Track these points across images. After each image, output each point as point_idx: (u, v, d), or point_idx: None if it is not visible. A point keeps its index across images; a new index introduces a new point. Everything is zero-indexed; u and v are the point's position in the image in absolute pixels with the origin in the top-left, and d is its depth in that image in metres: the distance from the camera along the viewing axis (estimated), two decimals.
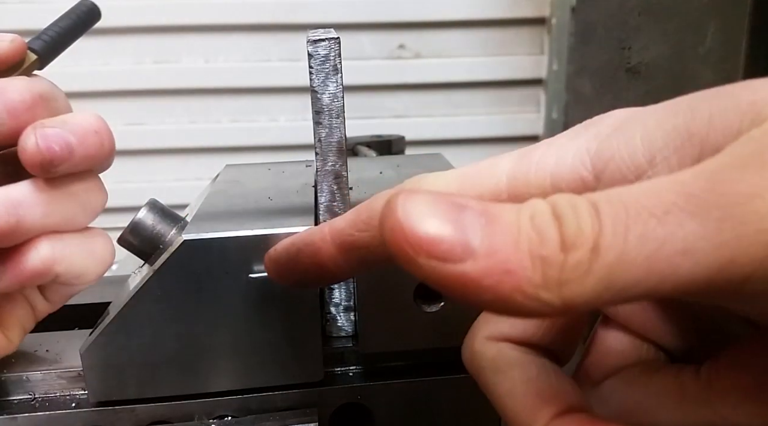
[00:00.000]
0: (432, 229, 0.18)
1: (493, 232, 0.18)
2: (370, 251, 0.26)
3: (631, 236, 0.18)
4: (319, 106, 0.33)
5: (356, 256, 0.26)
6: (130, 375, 0.33)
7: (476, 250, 0.18)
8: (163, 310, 0.33)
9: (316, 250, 0.27)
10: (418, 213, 0.19)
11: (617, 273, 0.18)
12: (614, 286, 0.18)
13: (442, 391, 0.36)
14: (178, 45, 0.92)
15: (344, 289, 0.35)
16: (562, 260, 0.18)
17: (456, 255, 0.18)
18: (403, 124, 0.96)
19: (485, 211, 0.19)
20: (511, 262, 0.18)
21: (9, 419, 0.33)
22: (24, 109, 0.30)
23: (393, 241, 0.19)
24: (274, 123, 0.96)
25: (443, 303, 0.34)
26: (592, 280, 0.18)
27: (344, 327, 0.36)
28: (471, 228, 0.18)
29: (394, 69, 0.95)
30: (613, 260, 0.18)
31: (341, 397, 0.35)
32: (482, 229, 0.18)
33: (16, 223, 0.30)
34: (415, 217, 0.18)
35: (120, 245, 0.34)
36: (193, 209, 0.37)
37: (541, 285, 0.18)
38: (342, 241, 0.26)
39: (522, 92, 0.97)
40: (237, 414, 0.34)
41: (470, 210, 0.19)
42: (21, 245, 0.31)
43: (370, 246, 0.26)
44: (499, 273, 0.18)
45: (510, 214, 0.19)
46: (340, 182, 0.34)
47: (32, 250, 0.31)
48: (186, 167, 0.97)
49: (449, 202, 0.19)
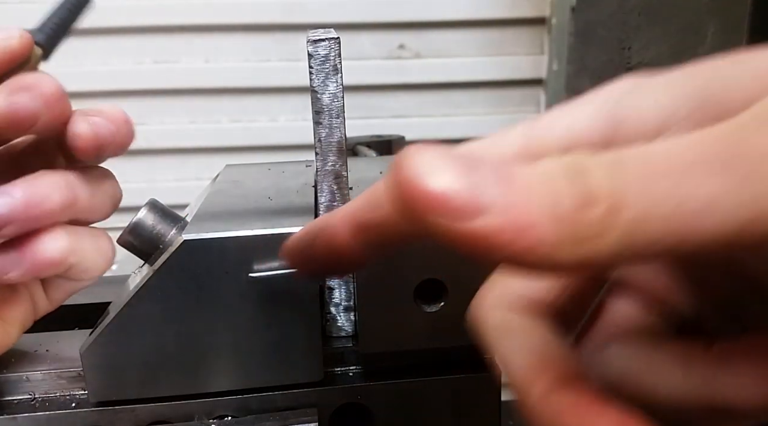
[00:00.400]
0: (443, 185, 0.17)
1: (508, 188, 0.18)
2: (383, 231, 0.24)
3: (650, 193, 0.17)
4: (319, 106, 0.33)
5: (370, 236, 0.25)
6: (130, 375, 0.33)
7: (489, 207, 0.17)
8: (163, 310, 0.33)
9: (331, 234, 0.26)
10: (428, 168, 0.18)
11: (636, 231, 0.17)
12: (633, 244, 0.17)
13: (442, 391, 0.36)
14: (178, 45, 0.92)
15: (344, 289, 0.35)
16: (580, 217, 0.17)
17: (468, 212, 0.17)
18: (403, 124, 0.96)
19: (499, 167, 0.18)
20: (526, 219, 0.17)
21: (9, 419, 0.33)
22: (57, 101, 0.31)
23: (401, 198, 0.18)
24: (274, 123, 0.96)
25: (443, 303, 0.34)
26: (609, 239, 0.17)
27: (344, 327, 0.36)
28: (484, 184, 0.18)
29: (394, 69, 0.95)
30: (632, 218, 0.17)
31: (341, 397, 0.35)
32: (496, 185, 0.18)
33: (74, 199, 0.32)
34: (424, 172, 0.17)
35: (120, 245, 0.34)
36: (193, 209, 0.37)
37: (556, 243, 0.17)
38: (356, 222, 0.25)
39: (522, 92, 0.97)
40: (237, 414, 0.34)
41: (484, 166, 0.18)
42: (38, 233, 0.32)
43: (384, 225, 0.24)
44: (513, 231, 0.17)
45: (525, 171, 0.18)
46: (340, 182, 0.34)
47: (51, 238, 0.32)
48: (186, 167, 0.97)
49: (461, 158, 0.18)
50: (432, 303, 0.35)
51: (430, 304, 0.35)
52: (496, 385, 0.36)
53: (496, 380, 0.36)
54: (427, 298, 0.35)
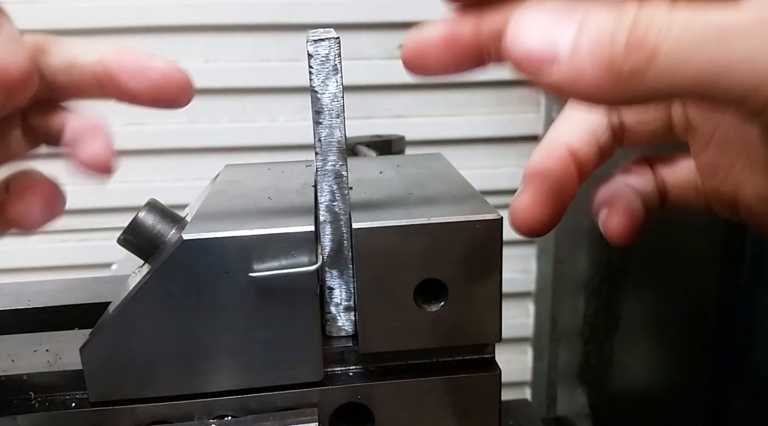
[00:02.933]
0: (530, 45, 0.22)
1: (579, 38, 0.22)
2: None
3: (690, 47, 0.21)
4: (319, 106, 0.33)
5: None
6: (130, 375, 0.33)
7: (560, 59, 0.22)
8: (163, 310, 0.33)
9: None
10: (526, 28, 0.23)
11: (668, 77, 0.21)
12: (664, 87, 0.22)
13: (442, 391, 0.36)
14: (178, 45, 0.92)
15: (344, 289, 0.35)
16: (623, 59, 0.21)
17: (545, 67, 0.22)
18: (403, 124, 0.96)
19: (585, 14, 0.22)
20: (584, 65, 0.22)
21: (9, 419, 0.33)
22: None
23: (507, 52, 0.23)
24: (274, 123, 0.96)
25: (443, 303, 0.34)
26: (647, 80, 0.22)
27: (344, 327, 0.36)
28: (562, 38, 0.22)
29: (394, 69, 0.95)
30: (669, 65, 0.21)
31: (341, 397, 0.35)
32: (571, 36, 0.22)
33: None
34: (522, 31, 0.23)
35: (120, 245, 0.34)
36: (193, 209, 0.37)
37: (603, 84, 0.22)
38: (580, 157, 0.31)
39: (522, 92, 0.97)
40: (237, 414, 0.34)
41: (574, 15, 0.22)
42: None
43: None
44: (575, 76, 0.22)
45: (600, 18, 0.22)
46: (340, 182, 0.34)
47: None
48: (186, 167, 0.97)
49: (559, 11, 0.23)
50: (432, 303, 0.35)
51: (430, 304, 0.35)
52: (496, 385, 0.36)
53: (496, 380, 0.36)
54: (427, 298, 0.35)
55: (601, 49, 0.22)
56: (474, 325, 0.35)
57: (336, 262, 0.35)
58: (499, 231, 0.34)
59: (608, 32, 0.22)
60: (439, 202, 0.36)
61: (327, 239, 0.35)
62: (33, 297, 0.42)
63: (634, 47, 0.21)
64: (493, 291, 0.34)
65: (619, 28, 0.22)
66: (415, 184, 0.40)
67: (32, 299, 0.42)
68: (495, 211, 0.34)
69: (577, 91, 0.22)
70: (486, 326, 0.35)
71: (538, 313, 1.01)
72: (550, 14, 0.22)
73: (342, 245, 0.35)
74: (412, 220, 0.33)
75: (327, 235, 0.35)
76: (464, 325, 0.35)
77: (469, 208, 0.35)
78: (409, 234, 0.33)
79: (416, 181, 0.41)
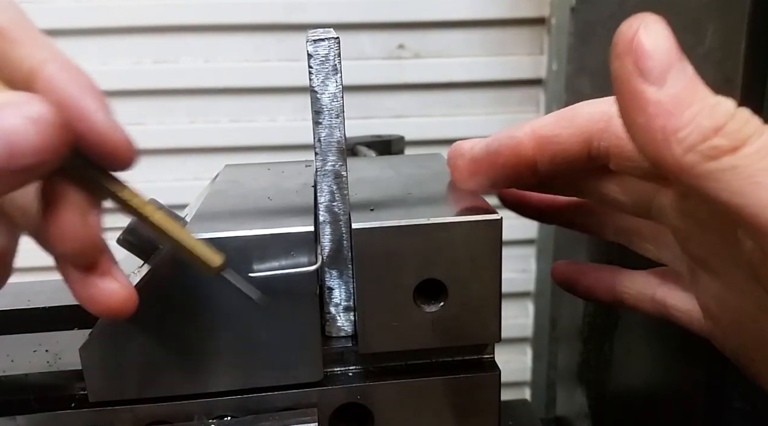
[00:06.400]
0: (653, 47, 0.23)
1: (689, 84, 0.23)
2: (564, 149, 0.32)
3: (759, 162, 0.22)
4: (319, 106, 0.33)
5: (551, 152, 0.32)
6: (130, 375, 0.33)
7: (666, 84, 0.23)
8: (163, 310, 0.33)
9: (518, 142, 0.33)
10: (655, 31, 0.24)
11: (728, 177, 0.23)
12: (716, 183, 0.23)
13: (442, 391, 0.36)
14: (178, 45, 0.92)
15: (344, 289, 0.35)
16: (709, 136, 0.23)
17: (649, 75, 0.23)
18: (403, 124, 0.96)
19: (694, 74, 0.24)
20: (681, 110, 0.23)
21: (8, 419, 0.33)
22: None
23: (622, 35, 0.24)
24: (274, 123, 0.96)
25: (443, 303, 0.34)
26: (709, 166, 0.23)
27: (344, 327, 0.36)
28: (676, 69, 0.23)
29: (393, 69, 0.95)
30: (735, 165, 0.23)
31: (341, 397, 0.35)
32: (682, 76, 0.23)
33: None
34: (651, 31, 0.24)
35: (120, 245, 0.34)
36: (193, 209, 0.37)
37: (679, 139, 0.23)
38: (543, 135, 0.32)
39: (522, 92, 0.97)
40: (237, 414, 0.34)
41: (686, 62, 0.24)
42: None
43: (566, 144, 0.31)
44: (665, 110, 0.23)
45: (705, 89, 0.24)
46: (340, 182, 0.34)
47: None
48: (186, 167, 0.97)
49: (677, 47, 0.24)
50: (432, 303, 0.35)
51: (430, 304, 0.35)
52: (496, 385, 0.36)
53: (496, 380, 0.36)
54: (427, 298, 0.35)
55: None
56: (473, 326, 0.35)
57: (335, 263, 0.35)
58: (499, 231, 0.34)
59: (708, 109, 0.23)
60: (439, 202, 0.36)
61: (326, 239, 0.35)
62: (33, 297, 0.42)
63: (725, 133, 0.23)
64: (492, 291, 0.34)
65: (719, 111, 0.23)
66: (415, 184, 0.40)
67: (32, 299, 0.42)
68: (495, 211, 0.34)
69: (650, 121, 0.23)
70: (485, 326, 0.35)
71: (537, 313, 1.01)
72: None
73: (341, 245, 0.35)
74: (411, 220, 0.33)
75: (326, 235, 0.35)
76: (464, 325, 0.35)
77: (468, 208, 0.35)
78: (409, 234, 0.33)
79: (416, 181, 0.41)
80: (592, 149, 0.32)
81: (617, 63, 0.24)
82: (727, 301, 0.31)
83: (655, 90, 0.23)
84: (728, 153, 0.23)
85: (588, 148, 0.32)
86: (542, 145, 0.32)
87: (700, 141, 0.23)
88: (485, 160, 0.34)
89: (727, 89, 0.42)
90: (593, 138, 0.32)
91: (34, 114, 0.23)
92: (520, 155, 0.33)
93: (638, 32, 0.24)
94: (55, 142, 0.24)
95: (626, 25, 0.24)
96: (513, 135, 0.33)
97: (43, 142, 0.23)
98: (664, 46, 0.24)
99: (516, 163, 0.33)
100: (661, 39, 0.24)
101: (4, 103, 0.23)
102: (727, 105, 0.24)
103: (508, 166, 0.34)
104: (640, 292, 0.37)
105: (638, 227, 0.37)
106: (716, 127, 0.23)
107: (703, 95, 0.24)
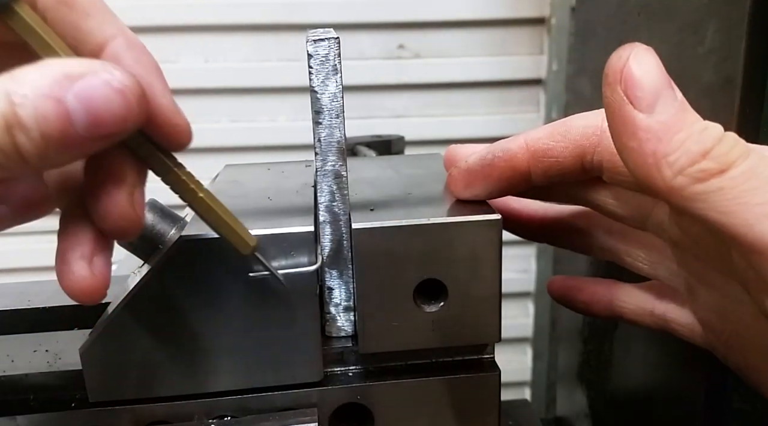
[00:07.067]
0: (643, 76, 0.25)
1: (678, 111, 0.25)
2: (558, 162, 0.32)
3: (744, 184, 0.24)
4: (319, 106, 0.33)
5: (545, 165, 0.33)
6: (130, 375, 0.33)
7: (655, 111, 0.24)
8: (163, 310, 0.33)
9: (512, 155, 0.34)
10: (644, 61, 0.25)
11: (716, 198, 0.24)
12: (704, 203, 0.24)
13: (442, 391, 0.36)
14: (178, 45, 0.92)
15: (344, 289, 0.35)
16: (697, 160, 0.24)
17: (639, 103, 0.25)
18: (403, 124, 0.96)
19: (683, 101, 0.25)
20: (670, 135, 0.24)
21: (8, 419, 0.33)
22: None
23: (611, 65, 0.26)
24: (274, 123, 0.96)
25: (443, 303, 0.34)
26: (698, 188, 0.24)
27: (344, 327, 0.36)
28: (665, 97, 0.25)
29: (393, 69, 0.95)
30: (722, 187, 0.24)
31: (341, 397, 0.35)
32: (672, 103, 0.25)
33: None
34: (640, 61, 0.25)
35: (120, 245, 0.34)
36: None
37: (669, 163, 0.24)
38: (537, 149, 0.33)
39: (522, 92, 0.97)
40: (237, 414, 0.34)
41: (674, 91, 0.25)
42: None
43: (559, 157, 0.32)
44: (655, 135, 0.24)
45: (694, 115, 0.25)
46: (340, 182, 0.34)
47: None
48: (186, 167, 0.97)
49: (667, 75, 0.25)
50: (432, 303, 0.35)
51: (430, 304, 0.35)
52: (496, 385, 0.36)
53: (496, 380, 0.36)
54: (427, 298, 0.35)
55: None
56: (473, 326, 0.35)
57: (335, 263, 0.35)
58: (499, 231, 0.34)
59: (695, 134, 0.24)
60: (439, 202, 0.36)
61: (326, 239, 0.35)
62: (33, 297, 0.42)
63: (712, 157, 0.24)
64: (492, 291, 0.34)
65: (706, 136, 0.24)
66: (415, 184, 0.40)
67: (32, 299, 0.42)
68: (494, 211, 0.34)
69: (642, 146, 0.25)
70: (485, 326, 0.35)
71: (537, 314, 1.01)
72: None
73: (341, 245, 0.35)
74: (411, 220, 0.33)
75: (326, 235, 0.35)
76: (464, 325, 0.35)
77: (468, 208, 0.35)
78: (409, 234, 0.33)
79: (416, 181, 0.41)
80: (586, 162, 0.32)
81: (608, 92, 0.26)
82: (727, 312, 0.31)
83: (645, 117, 0.25)
84: (716, 175, 0.24)
85: (581, 161, 0.32)
86: (536, 159, 0.33)
87: (688, 164, 0.24)
88: (480, 173, 0.35)
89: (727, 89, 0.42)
90: (587, 152, 0.32)
91: (118, 83, 0.23)
92: (514, 168, 0.34)
93: (628, 62, 0.25)
94: (136, 113, 0.24)
95: (616, 56, 0.26)
96: (507, 148, 0.34)
97: (127, 112, 0.23)
98: (654, 75, 0.25)
99: (510, 175, 0.34)
100: (650, 68, 0.25)
101: (86, 70, 0.23)
102: (715, 130, 0.25)
103: (503, 179, 0.34)
104: (638, 307, 0.37)
105: (627, 247, 0.37)
106: (704, 151, 0.24)
107: (692, 121, 0.25)
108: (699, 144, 0.24)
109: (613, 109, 0.26)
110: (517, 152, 0.33)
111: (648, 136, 0.25)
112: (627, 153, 0.26)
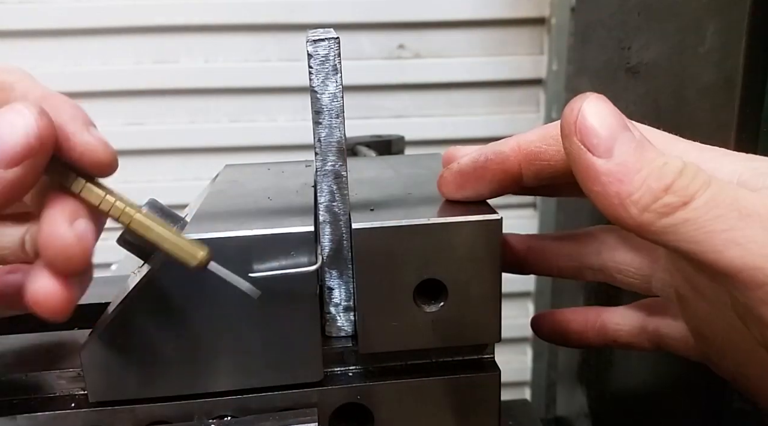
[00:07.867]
0: (596, 124, 0.26)
1: (635, 151, 0.25)
2: (550, 164, 0.33)
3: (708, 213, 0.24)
4: (319, 106, 0.33)
5: (537, 167, 0.33)
6: (130, 375, 0.33)
7: (613, 155, 0.25)
8: (163, 310, 0.33)
9: (504, 158, 0.34)
10: (596, 110, 0.26)
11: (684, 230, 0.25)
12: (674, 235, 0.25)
13: (442, 391, 0.36)
14: (178, 45, 0.92)
15: (344, 289, 0.35)
16: (660, 196, 0.25)
17: (596, 149, 0.26)
18: (403, 124, 0.96)
19: (641, 140, 0.26)
20: (631, 176, 0.25)
21: (9, 419, 0.33)
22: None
23: (565, 118, 0.27)
24: (274, 123, 0.96)
25: (443, 303, 0.34)
26: (665, 222, 0.25)
27: (344, 327, 0.36)
28: (621, 139, 0.26)
29: (393, 69, 0.95)
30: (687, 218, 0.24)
31: (341, 397, 0.35)
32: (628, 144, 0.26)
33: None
34: (592, 110, 0.26)
35: (120, 245, 0.34)
36: (193, 209, 0.37)
37: (633, 202, 0.25)
38: (529, 151, 0.33)
39: (522, 92, 0.97)
40: (237, 414, 0.34)
41: (631, 132, 0.26)
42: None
43: (551, 159, 0.33)
44: (616, 178, 0.25)
45: (653, 152, 0.26)
46: (340, 182, 0.34)
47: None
48: (186, 167, 0.97)
49: (622, 118, 0.26)
50: (432, 303, 0.35)
51: (430, 304, 0.35)
52: (496, 385, 0.36)
53: (496, 380, 0.36)
54: (427, 298, 0.35)
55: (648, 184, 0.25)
56: (473, 326, 0.35)
57: (335, 263, 0.35)
58: (499, 231, 0.34)
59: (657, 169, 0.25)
60: (439, 203, 0.36)
61: (326, 239, 0.35)
62: None
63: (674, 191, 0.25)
64: (492, 291, 0.34)
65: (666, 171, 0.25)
66: (415, 184, 0.40)
67: None
68: (494, 211, 0.34)
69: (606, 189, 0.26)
70: (485, 326, 0.35)
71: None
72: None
73: (341, 245, 0.35)
74: (411, 220, 0.33)
75: (326, 235, 0.35)
76: (464, 325, 0.35)
77: (468, 208, 0.35)
78: (409, 234, 0.33)
79: (416, 181, 0.41)
80: None
81: (566, 143, 0.27)
82: (717, 321, 0.31)
83: (604, 162, 0.25)
84: (679, 208, 0.25)
85: None
86: (528, 161, 0.33)
87: (651, 201, 0.25)
88: (472, 175, 0.35)
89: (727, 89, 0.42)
90: None
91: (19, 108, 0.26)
92: (506, 171, 0.34)
93: (581, 113, 0.26)
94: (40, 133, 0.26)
95: (569, 109, 0.27)
96: (499, 150, 0.34)
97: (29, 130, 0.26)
98: (607, 120, 0.26)
99: (502, 178, 0.34)
100: (603, 114, 0.26)
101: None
102: (675, 164, 0.25)
103: (495, 181, 0.35)
104: (633, 327, 0.37)
105: (616, 264, 0.37)
106: (665, 187, 0.25)
107: (651, 158, 0.25)
108: (660, 180, 0.25)
109: (573, 158, 0.27)
110: (509, 155, 0.34)
111: (610, 180, 0.25)
112: (594, 197, 0.26)
